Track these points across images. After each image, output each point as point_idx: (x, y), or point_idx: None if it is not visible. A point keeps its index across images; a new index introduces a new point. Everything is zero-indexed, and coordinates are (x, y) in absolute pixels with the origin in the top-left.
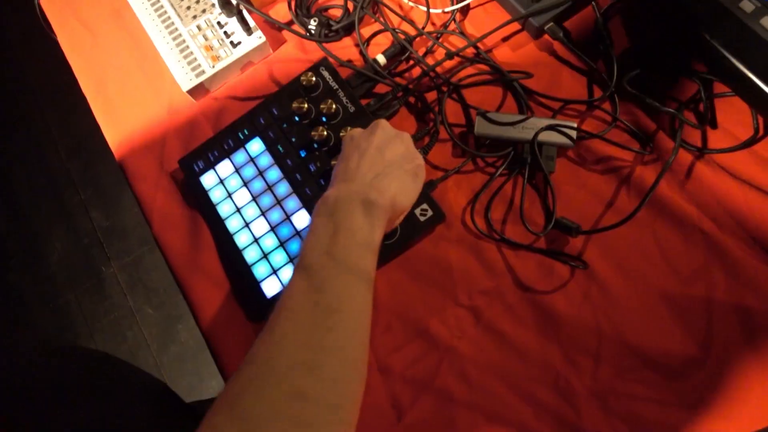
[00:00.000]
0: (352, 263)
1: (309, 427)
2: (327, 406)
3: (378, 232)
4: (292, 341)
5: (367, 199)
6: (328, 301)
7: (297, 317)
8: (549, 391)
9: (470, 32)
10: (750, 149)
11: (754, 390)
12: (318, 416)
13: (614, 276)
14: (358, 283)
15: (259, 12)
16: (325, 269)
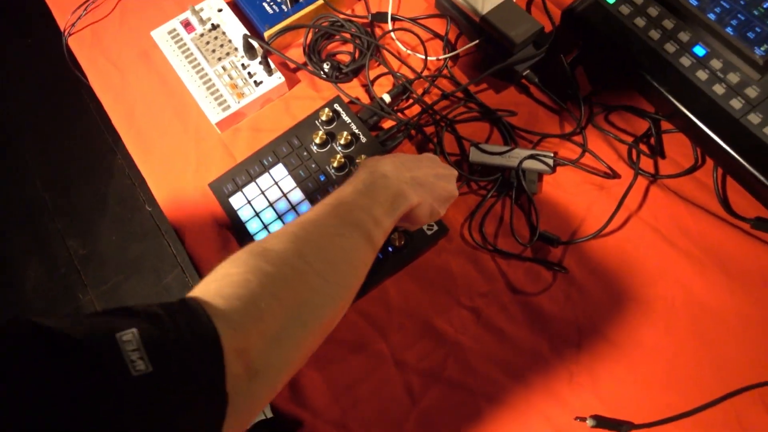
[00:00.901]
0: (367, 227)
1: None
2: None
3: (390, 224)
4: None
5: (403, 194)
6: (346, 224)
7: (320, 220)
8: (539, 378)
9: (460, 77)
10: (692, 175)
11: (703, 368)
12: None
13: (589, 279)
14: (363, 237)
15: (282, 55)
16: (350, 211)
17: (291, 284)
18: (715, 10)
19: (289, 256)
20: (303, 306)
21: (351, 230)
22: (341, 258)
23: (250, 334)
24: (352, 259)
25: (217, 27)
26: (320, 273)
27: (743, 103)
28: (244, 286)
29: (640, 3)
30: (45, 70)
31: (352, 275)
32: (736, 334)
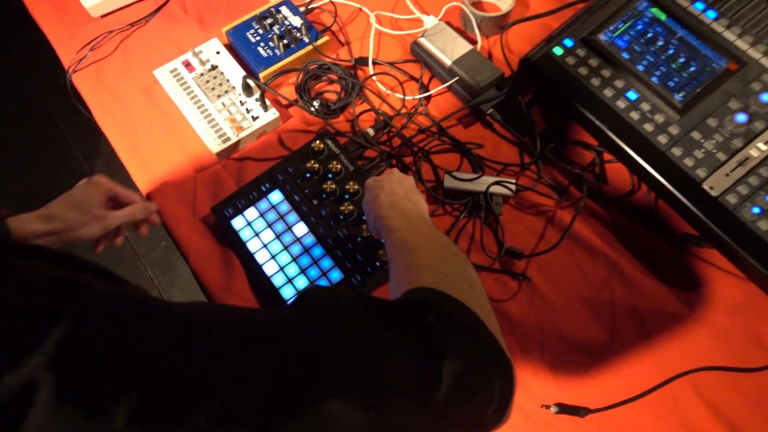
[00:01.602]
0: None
1: (474, 289)
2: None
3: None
4: (445, 261)
5: (410, 197)
6: (445, 244)
7: (436, 252)
8: None
9: (433, 114)
10: (630, 198)
11: (644, 360)
12: (474, 291)
13: (549, 287)
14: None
15: (277, 93)
16: (417, 230)
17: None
18: (643, 63)
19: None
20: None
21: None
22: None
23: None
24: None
25: (215, 67)
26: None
27: (668, 139)
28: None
29: (582, 55)
30: (21, 101)
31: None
32: (668, 329)
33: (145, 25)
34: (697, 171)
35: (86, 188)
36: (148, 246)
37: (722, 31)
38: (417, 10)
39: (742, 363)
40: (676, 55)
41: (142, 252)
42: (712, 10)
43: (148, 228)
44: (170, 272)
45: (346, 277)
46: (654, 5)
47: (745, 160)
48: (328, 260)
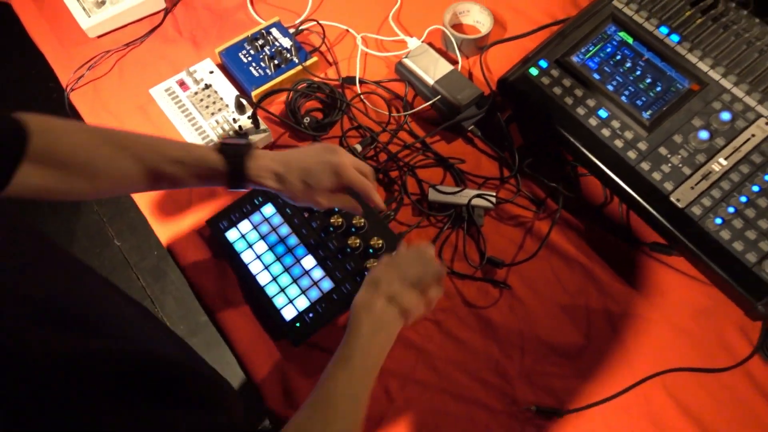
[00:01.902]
0: (374, 372)
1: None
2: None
3: (387, 351)
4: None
5: (392, 334)
6: (356, 403)
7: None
8: (492, 376)
9: (418, 130)
10: (604, 210)
11: (618, 363)
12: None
13: (529, 294)
14: (369, 386)
15: (268, 112)
16: (363, 373)
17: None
18: (613, 83)
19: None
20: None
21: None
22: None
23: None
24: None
25: (209, 86)
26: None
27: (637, 154)
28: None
29: (556, 76)
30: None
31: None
32: (640, 333)
33: (141, 45)
34: (665, 184)
35: (327, 171)
36: (140, 255)
37: (685, 54)
38: (401, 33)
39: (709, 364)
40: (643, 75)
41: (135, 261)
42: (675, 34)
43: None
44: (162, 280)
45: (336, 286)
46: (622, 29)
47: (708, 174)
48: (319, 270)
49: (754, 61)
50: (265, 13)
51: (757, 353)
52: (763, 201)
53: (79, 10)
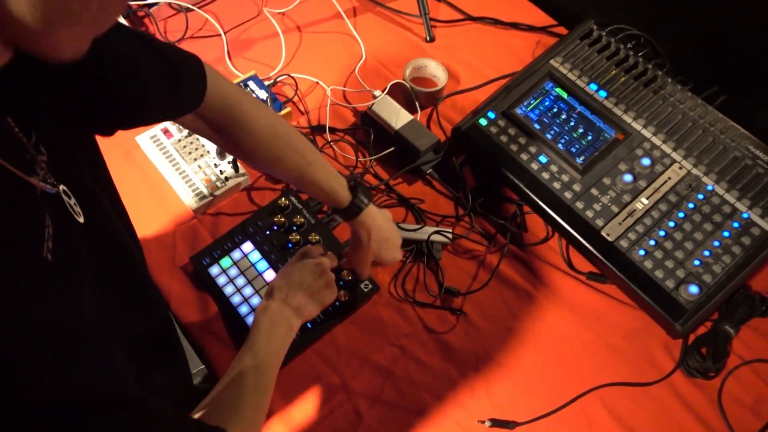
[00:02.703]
0: (276, 358)
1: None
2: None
3: (289, 341)
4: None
5: (292, 326)
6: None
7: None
8: (451, 393)
9: (382, 174)
10: (546, 244)
11: (561, 379)
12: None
13: (482, 319)
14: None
15: None
16: (266, 355)
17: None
18: (551, 132)
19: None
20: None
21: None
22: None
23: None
24: (268, 390)
25: (192, 134)
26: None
27: (572, 194)
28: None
29: (503, 125)
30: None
31: (267, 399)
32: (579, 352)
33: None
34: (597, 221)
35: (392, 256)
36: None
37: (611, 107)
38: (366, 85)
39: (639, 378)
40: (577, 126)
41: None
42: (603, 91)
43: None
44: None
45: None
46: (558, 85)
47: (633, 211)
48: None
49: (669, 114)
50: (243, 66)
51: (679, 368)
52: (678, 234)
53: None
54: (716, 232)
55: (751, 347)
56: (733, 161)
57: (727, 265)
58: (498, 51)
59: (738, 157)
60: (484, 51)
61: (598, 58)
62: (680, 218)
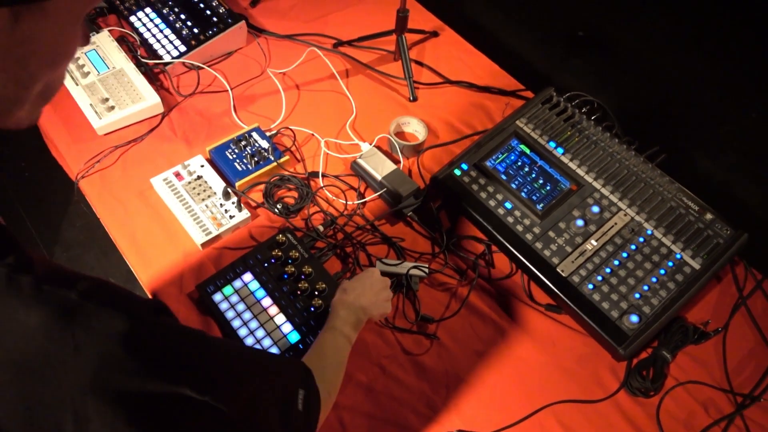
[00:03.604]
0: (350, 341)
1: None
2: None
3: (356, 334)
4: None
5: (360, 320)
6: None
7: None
8: (424, 408)
9: (368, 215)
10: (510, 279)
11: (520, 396)
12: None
13: (452, 343)
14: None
15: (249, 198)
16: (342, 337)
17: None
18: (515, 182)
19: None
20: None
21: (342, 350)
22: (340, 370)
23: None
24: (343, 363)
25: (200, 177)
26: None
27: (533, 236)
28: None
29: (474, 175)
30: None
31: (342, 371)
32: (537, 373)
33: (141, 143)
34: (553, 259)
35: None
36: None
37: (567, 162)
38: (355, 138)
39: (588, 396)
40: (537, 177)
41: None
42: (560, 148)
43: None
44: None
45: (301, 338)
46: (522, 143)
47: (584, 251)
48: (289, 325)
49: (616, 169)
50: (247, 118)
51: (623, 388)
52: (622, 271)
53: (91, 113)
54: (654, 270)
55: (685, 370)
56: (669, 210)
57: (663, 298)
58: (472, 111)
59: (673, 207)
60: (459, 110)
61: (557, 120)
62: (624, 258)
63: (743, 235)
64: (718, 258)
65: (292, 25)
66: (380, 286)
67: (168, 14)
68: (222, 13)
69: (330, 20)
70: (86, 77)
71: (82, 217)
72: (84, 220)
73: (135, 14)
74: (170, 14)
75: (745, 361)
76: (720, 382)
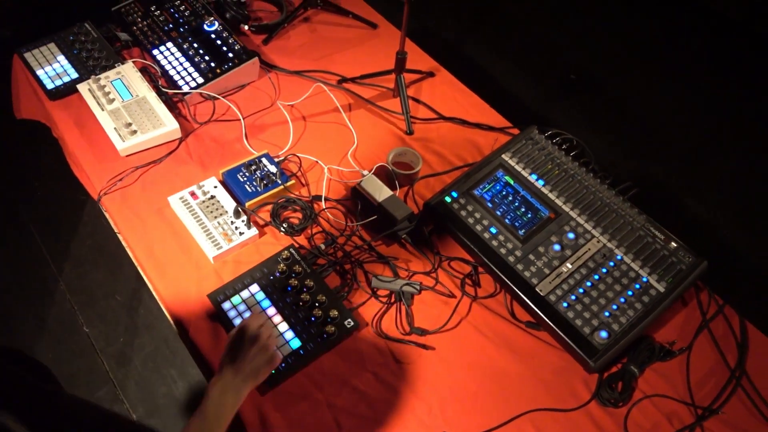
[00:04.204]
0: (224, 422)
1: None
2: None
3: (237, 406)
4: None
5: (240, 394)
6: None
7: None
8: (413, 411)
9: (366, 236)
10: (495, 298)
11: (500, 403)
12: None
13: (440, 354)
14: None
15: (258, 216)
16: (213, 420)
17: None
18: (500, 209)
19: None
20: None
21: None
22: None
23: None
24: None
25: (214, 197)
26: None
27: (515, 258)
28: None
29: (463, 203)
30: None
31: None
32: (516, 383)
33: (160, 164)
34: (533, 279)
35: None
36: (106, 341)
37: (547, 193)
38: (356, 165)
39: (563, 405)
40: (520, 206)
41: (101, 346)
42: (541, 180)
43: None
44: (126, 366)
45: (302, 344)
46: (507, 174)
47: (560, 273)
48: (291, 332)
49: (591, 200)
50: (257, 145)
51: (594, 398)
52: (594, 292)
53: (115, 136)
54: (623, 292)
55: (652, 384)
56: (638, 238)
57: (630, 317)
58: (463, 145)
59: (641, 236)
60: (452, 144)
61: (538, 155)
62: (596, 280)
63: (703, 263)
64: (681, 282)
65: (301, 63)
66: (254, 352)
67: (188, 49)
68: (237, 49)
69: (335, 59)
70: (111, 103)
71: (91, 236)
72: (93, 239)
73: (157, 48)
74: (190, 49)
75: (706, 377)
76: (683, 396)
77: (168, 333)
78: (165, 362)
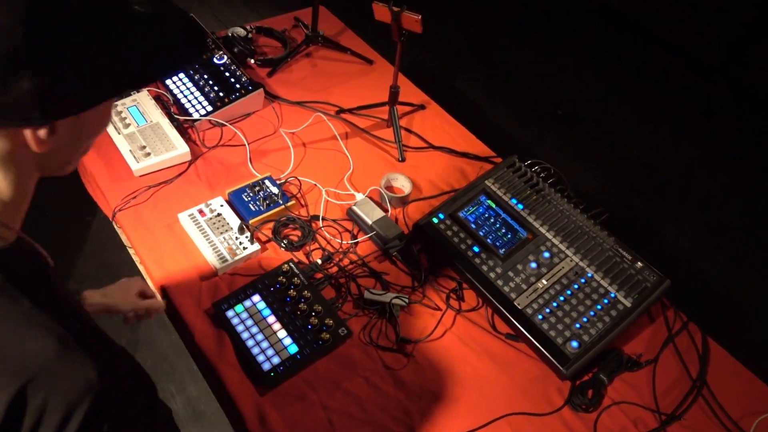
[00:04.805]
0: None
1: None
2: None
3: None
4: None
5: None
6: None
7: None
8: (401, 414)
9: (360, 252)
10: (477, 311)
11: (481, 408)
12: None
13: (426, 361)
14: None
15: (261, 232)
16: None
17: None
18: (483, 230)
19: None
20: None
21: None
22: None
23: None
24: None
25: (220, 215)
26: None
27: (495, 275)
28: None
29: (449, 224)
30: None
31: None
32: (496, 390)
33: (171, 184)
34: (511, 294)
35: (128, 282)
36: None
37: (526, 216)
38: (351, 188)
39: (538, 410)
40: (501, 227)
41: None
42: (521, 204)
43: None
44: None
45: (299, 349)
46: (489, 198)
47: (536, 288)
48: (289, 338)
49: (565, 223)
50: (261, 168)
51: (567, 404)
52: (567, 306)
53: (130, 157)
54: (593, 306)
55: (620, 392)
56: (607, 258)
57: (599, 328)
58: (450, 172)
59: (610, 256)
60: (440, 171)
61: (519, 181)
62: (568, 295)
63: (666, 281)
64: (646, 298)
65: (302, 94)
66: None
67: (198, 79)
68: (243, 81)
69: (334, 91)
70: (127, 128)
71: (97, 255)
72: (98, 259)
73: (170, 78)
74: (200, 80)
75: (670, 387)
76: (648, 403)
77: (168, 350)
78: (164, 378)
